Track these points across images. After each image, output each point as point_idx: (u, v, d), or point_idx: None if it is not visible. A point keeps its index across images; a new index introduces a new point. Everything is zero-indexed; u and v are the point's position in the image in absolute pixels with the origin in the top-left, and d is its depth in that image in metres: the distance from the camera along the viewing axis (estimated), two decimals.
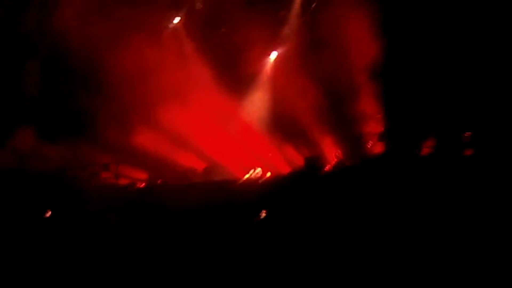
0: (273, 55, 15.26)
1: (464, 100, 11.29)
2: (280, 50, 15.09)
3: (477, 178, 8.67)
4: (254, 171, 13.76)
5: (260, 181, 12.55)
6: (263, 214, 10.56)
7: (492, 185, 8.39)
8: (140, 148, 15.08)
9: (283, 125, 14.42)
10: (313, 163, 11.66)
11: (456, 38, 11.71)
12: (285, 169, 13.47)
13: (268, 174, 13.51)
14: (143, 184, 14.30)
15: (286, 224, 10.35)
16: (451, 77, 11.79)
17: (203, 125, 14.49)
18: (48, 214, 12.45)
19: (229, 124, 14.85)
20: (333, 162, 12.76)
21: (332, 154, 13.19)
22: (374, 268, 8.74)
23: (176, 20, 15.84)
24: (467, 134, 9.89)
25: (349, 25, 13.06)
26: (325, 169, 12.03)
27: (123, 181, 13.91)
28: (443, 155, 9.71)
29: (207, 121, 14.56)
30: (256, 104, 15.19)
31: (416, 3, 12.31)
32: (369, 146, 11.86)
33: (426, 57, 12.11)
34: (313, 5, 14.51)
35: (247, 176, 13.77)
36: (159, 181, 14.08)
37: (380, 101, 12.71)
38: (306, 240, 9.78)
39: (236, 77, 15.10)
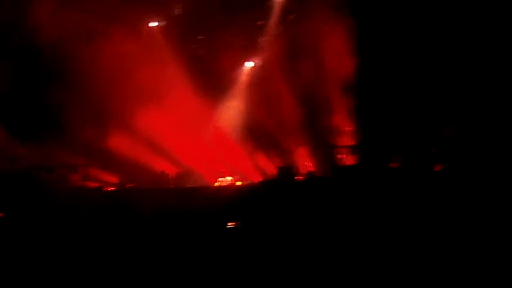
0: (250, 64, 15.33)
1: (436, 117, 11.57)
2: (257, 59, 15.17)
3: (446, 191, 8.90)
4: (225, 178, 13.76)
5: (230, 189, 12.53)
6: (232, 223, 10.55)
7: (462, 198, 8.65)
8: (112, 150, 14.86)
9: (256, 133, 14.46)
10: (285, 173, 11.74)
11: (429, 52, 12.03)
12: (257, 178, 13.50)
13: (239, 183, 13.53)
14: (113, 187, 14.11)
15: (256, 231, 10.36)
16: (423, 94, 12.07)
17: (177, 130, 14.38)
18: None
19: (203, 130, 14.80)
20: (305, 172, 12.86)
21: (304, 164, 13.29)
22: (343, 274, 8.82)
23: (153, 24, 15.75)
24: (434, 150, 10.15)
25: (326, 38, 13.26)
26: (297, 179, 12.12)
27: (91, 184, 13.64)
28: (412, 169, 9.91)
29: (181, 127, 14.47)
30: (231, 112, 15.21)
31: (393, 16, 12.60)
32: (340, 158, 12.00)
33: (399, 72, 12.39)
34: (292, 16, 14.65)
35: (217, 183, 13.75)
36: (129, 185, 13.89)
37: (353, 114, 12.91)
38: (276, 248, 9.80)
39: (212, 84, 15.08)
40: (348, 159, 12.06)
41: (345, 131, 12.85)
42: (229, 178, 13.70)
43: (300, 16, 14.56)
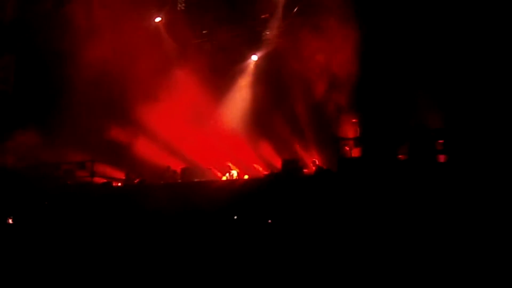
0: (254, 57, 15.32)
1: (438, 108, 11.58)
2: (261, 52, 15.15)
3: (451, 183, 8.93)
4: (231, 172, 13.78)
5: (237, 183, 12.57)
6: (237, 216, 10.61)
7: (466, 190, 8.68)
8: (118, 146, 14.92)
9: (262, 127, 14.47)
10: (291, 166, 11.73)
11: (430, 46, 12.06)
12: (263, 171, 13.51)
13: (246, 176, 13.56)
14: (120, 183, 14.17)
15: (263, 225, 10.41)
16: (427, 85, 12.07)
17: (182, 125, 14.42)
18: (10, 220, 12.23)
19: (208, 125, 14.82)
20: (311, 166, 12.87)
21: (309, 157, 13.30)
22: (352, 269, 8.88)
23: (158, 19, 15.74)
24: (441, 141, 10.14)
25: (330, 30, 13.22)
26: (303, 172, 12.13)
27: (99, 180, 13.70)
28: (417, 161, 9.91)
29: (187, 121, 14.49)
30: (236, 106, 15.21)
31: (397, 10, 12.59)
32: (346, 150, 11.98)
33: (403, 64, 12.38)
34: (295, 9, 14.60)
35: (224, 177, 13.78)
36: (136, 181, 13.95)
37: (358, 106, 12.91)
38: (283, 242, 9.85)
39: (217, 77, 15.09)
40: (354, 152, 12.03)
41: (350, 122, 12.84)
42: (235, 171, 13.73)
43: (304, 7, 14.51)
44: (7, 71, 15.94)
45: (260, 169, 13.42)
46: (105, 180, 13.76)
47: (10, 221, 12.42)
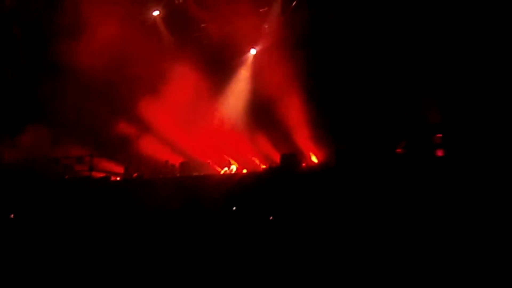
0: (253, 51, 15.26)
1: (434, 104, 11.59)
2: (260, 46, 15.09)
3: (448, 178, 8.94)
4: (230, 167, 13.79)
5: (236, 177, 12.57)
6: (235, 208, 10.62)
7: (463, 184, 8.69)
8: (116, 141, 14.91)
9: (260, 121, 14.45)
10: (290, 160, 11.73)
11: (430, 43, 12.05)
12: (261, 166, 13.53)
13: (244, 170, 13.57)
14: (118, 177, 14.18)
15: (262, 219, 10.42)
16: (424, 80, 12.07)
17: (180, 120, 14.40)
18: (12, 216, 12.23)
19: (206, 119, 14.80)
20: (309, 160, 12.89)
21: (308, 151, 13.30)
22: (351, 263, 8.90)
23: (156, 13, 15.67)
24: (438, 135, 10.15)
25: (327, 24, 13.19)
26: (301, 167, 12.14)
27: (97, 174, 13.71)
28: (415, 155, 9.92)
29: (185, 116, 14.47)
30: (234, 100, 15.18)
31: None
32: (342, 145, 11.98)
33: (401, 58, 12.36)
34: (294, 3, 14.54)
35: (223, 171, 13.79)
36: (134, 175, 13.96)
37: (355, 101, 12.90)
38: (282, 237, 9.86)
39: (215, 72, 15.05)
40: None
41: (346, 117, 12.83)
42: (234, 166, 13.74)
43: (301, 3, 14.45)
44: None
45: (258, 162, 13.43)
46: (103, 175, 13.78)
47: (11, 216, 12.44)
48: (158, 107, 14.38)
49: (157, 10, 15.63)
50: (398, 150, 10.45)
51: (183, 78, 14.54)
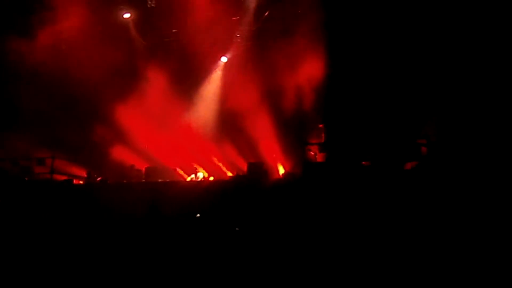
0: (223, 59, 15.29)
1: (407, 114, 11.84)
2: (231, 54, 15.13)
3: (414, 190, 9.14)
4: (196, 174, 13.70)
5: (202, 184, 12.50)
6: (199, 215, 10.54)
7: (432, 197, 8.90)
8: (80, 143, 14.56)
9: (228, 130, 14.45)
10: (256, 169, 11.77)
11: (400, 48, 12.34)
12: (228, 173, 13.50)
13: (211, 178, 13.50)
14: (81, 181, 13.83)
15: (227, 227, 10.37)
16: (393, 92, 12.35)
17: (148, 124, 14.22)
18: None
19: (175, 125, 14.66)
20: (276, 169, 12.95)
21: (275, 160, 13.38)
22: (312, 276, 8.94)
23: (127, 15, 15.47)
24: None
25: (298, 35, 13.36)
26: (268, 175, 12.17)
27: (59, 177, 13.32)
28: (383, 166, 10.11)
29: (153, 120, 14.31)
30: (204, 107, 15.14)
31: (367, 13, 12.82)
32: (311, 155, 12.11)
33: (371, 71, 12.64)
34: (266, 13, 14.67)
35: (189, 178, 13.67)
36: (98, 179, 13.65)
37: (324, 111, 13.09)
38: (246, 244, 9.84)
39: (184, 78, 14.97)
40: (319, 156, 12.17)
41: (316, 128, 12.99)
42: (201, 173, 13.65)
43: (274, 11, 14.59)
44: None
45: (225, 169, 13.41)
46: (65, 177, 13.39)
47: None
48: (125, 110, 14.17)
49: (128, 12, 15.44)
50: (364, 162, 10.64)
51: (152, 83, 14.40)
